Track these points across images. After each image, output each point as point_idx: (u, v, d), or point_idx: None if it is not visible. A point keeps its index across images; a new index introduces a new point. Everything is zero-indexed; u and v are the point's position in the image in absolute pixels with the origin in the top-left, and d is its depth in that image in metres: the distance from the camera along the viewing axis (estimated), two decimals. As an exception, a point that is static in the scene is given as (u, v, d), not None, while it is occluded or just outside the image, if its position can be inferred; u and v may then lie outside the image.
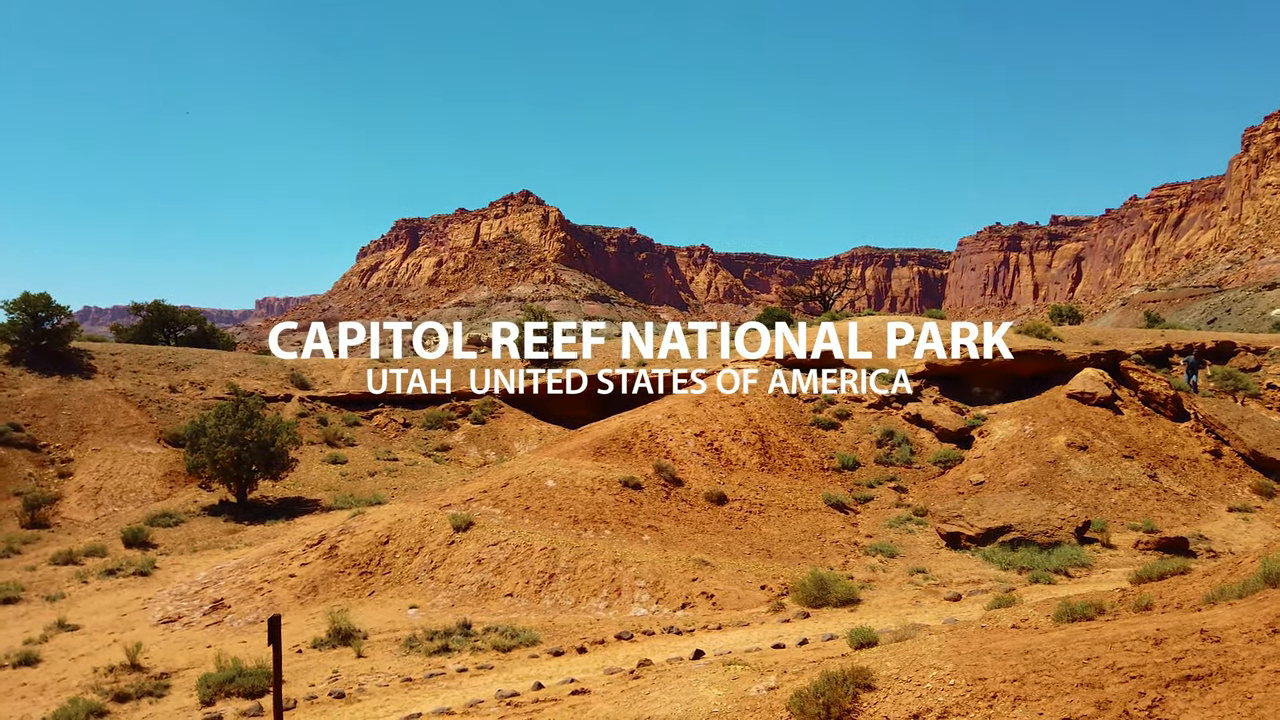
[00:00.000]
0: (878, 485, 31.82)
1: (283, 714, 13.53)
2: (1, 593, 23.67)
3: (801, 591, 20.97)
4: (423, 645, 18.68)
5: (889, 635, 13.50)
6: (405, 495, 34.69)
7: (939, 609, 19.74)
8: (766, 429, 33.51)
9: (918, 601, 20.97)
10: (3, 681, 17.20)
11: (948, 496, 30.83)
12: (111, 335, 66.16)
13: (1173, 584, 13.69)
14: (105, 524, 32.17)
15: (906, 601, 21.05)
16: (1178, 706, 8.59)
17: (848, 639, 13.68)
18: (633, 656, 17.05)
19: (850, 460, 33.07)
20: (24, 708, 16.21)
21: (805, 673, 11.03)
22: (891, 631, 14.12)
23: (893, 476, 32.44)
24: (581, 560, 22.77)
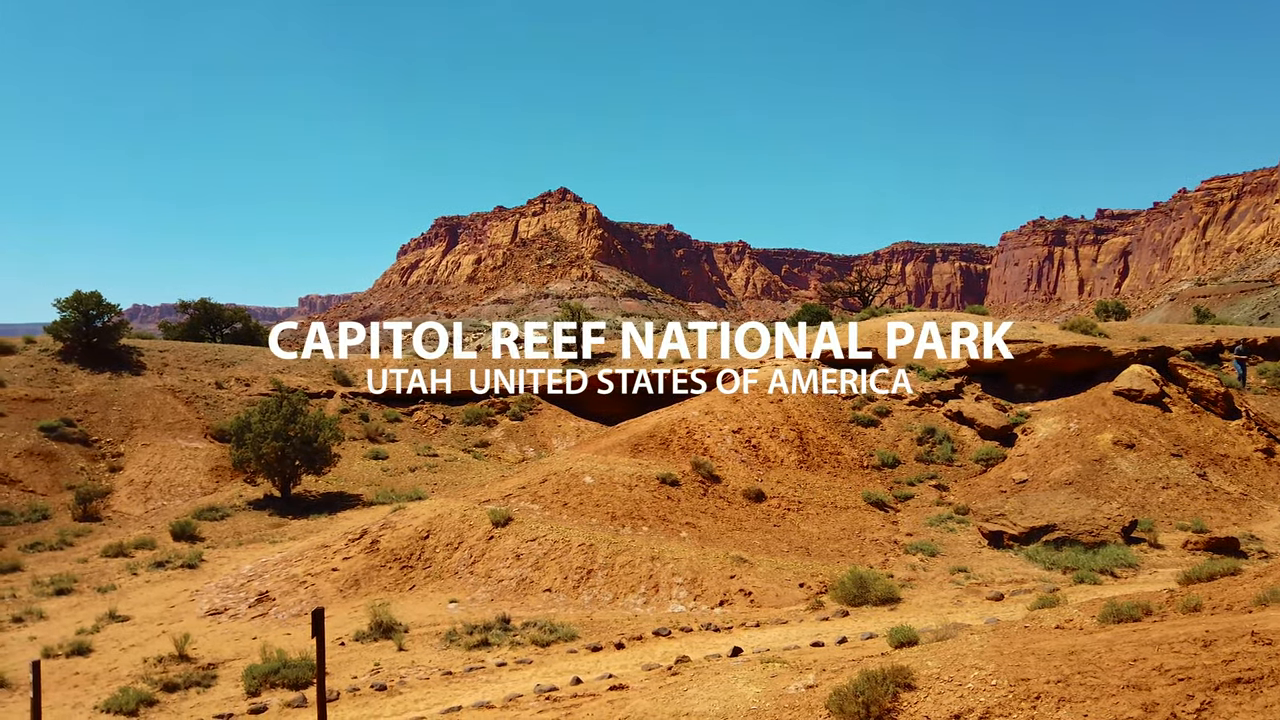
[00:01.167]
0: (918, 483, 31.49)
1: (326, 705, 13.75)
2: (55, 584, 24.30)
3: (840, 589, 20.83)
4: (462, 639, 18.86)
5: (930, 634, 13.37)
6: (445, 491, 35.02)
7: (981, 608, 19.50)
8: (805, 426, 33.32)
9: (959, 601, 20.73)
10: (57, 670, 17.67)
11: (990, 495, 30.43)
12: (160, 333, 67.55)
13: (1223, 585, 13.40)
14: (154, 517, 32.89)
15: (947, 601, 20.82)
16: (1227, 710, 8.42)
17: (888, 638, 13.56)
18: (670, 653, 17.06)
19: (890, 458, 32.77)
20: (77, 696, 16.65)
21: (844, 671, 10.96)
22: (932, 631, 13.98)
23: (934, 474, 32.10)
24: (619, 556, 22.83)
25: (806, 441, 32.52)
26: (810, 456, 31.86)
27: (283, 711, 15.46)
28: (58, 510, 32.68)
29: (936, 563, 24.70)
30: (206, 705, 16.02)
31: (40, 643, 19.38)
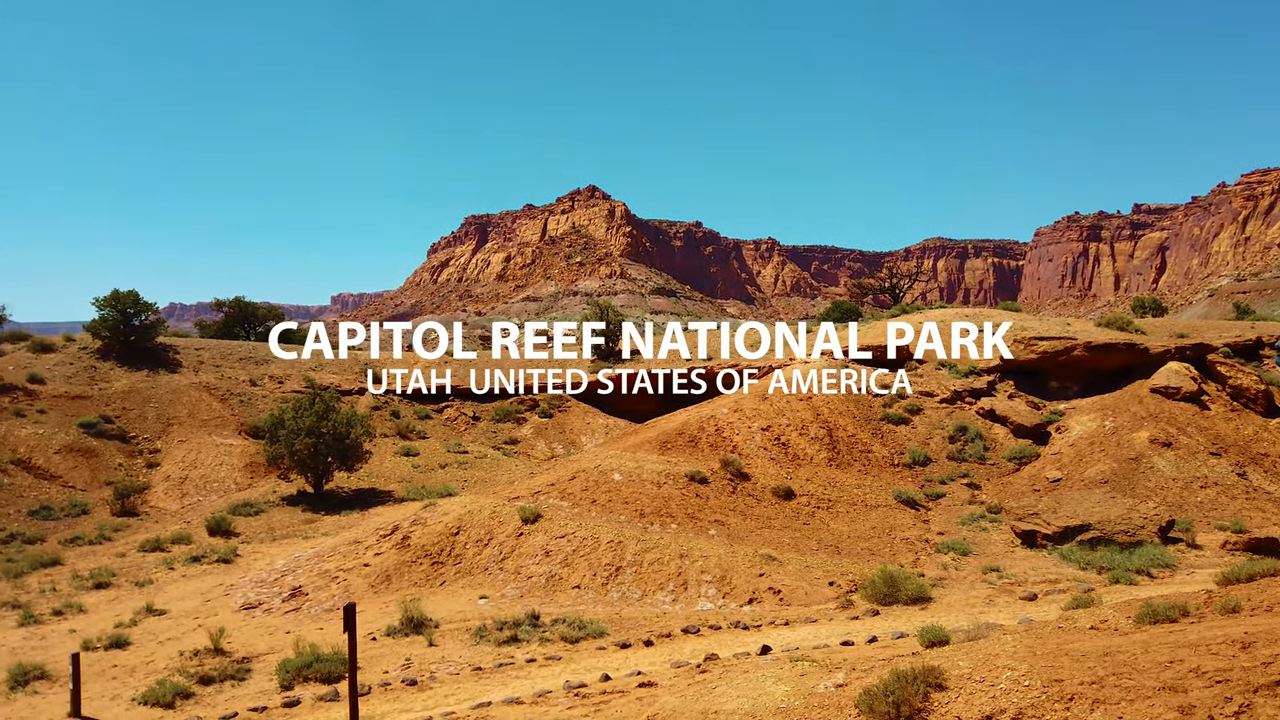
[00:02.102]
0: (949, 482, 31.19)
1: (358, 700, 13.89)
2: (94, 578, 24.73)
3: (871, 589, 20.69)
4: (492, 635, 18.96)
5: (961, 634, 13.24)
6: (475, 487, 35.21)
7: (1014, 608, 19.27)
8: (835, 424, 33.11)
9: (991, 601, 20.50)
10: (96, 663, 18.00)
11: (1023, 493, 30.07)
12: (195, 331, 68.43)
13: (1263, 586, 13.15)
14: (190, 512, 33.37)
15: (980, 600, 20.60)
16: (1267, 713, 8.26)
17: (918, 637, 13.44)
18: (699, 651, 17.04)
19: (921, 456, 32.49)
20: (115, 688, 16.94)
21: (874, 670, 10.89)
22: (964, 630, 13.84)
23: (965, 473, 31.77)
24: (648, 554, 22.83)
25: (836, 439, 32.33)
26: (840, 454, 31.67)
27: (315, 705, 15.63)
28: (96, 505, 33.26)
29: (968, 562, 24.45)
30: (241, 698, 16.24)
31: (79, 635, 19.75)
